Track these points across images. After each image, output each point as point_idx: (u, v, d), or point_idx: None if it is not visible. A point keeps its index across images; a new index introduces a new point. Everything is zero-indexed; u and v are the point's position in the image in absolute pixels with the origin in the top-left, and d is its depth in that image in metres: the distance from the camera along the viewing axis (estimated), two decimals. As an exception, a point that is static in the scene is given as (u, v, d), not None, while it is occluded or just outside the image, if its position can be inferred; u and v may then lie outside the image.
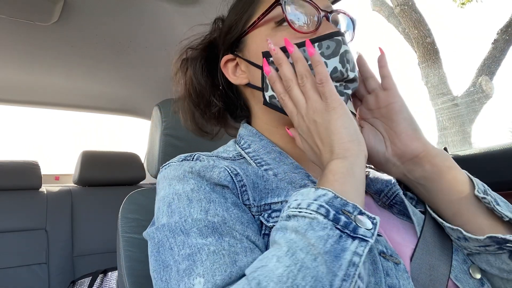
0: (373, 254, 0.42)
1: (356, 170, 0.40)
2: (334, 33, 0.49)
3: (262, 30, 0.54)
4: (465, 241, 0.46)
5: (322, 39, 0.49)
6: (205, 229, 0.40)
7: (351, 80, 0.50)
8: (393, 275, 0.41)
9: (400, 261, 0.43)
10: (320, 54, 0.48)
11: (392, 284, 0.40)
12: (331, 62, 0.48)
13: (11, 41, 1.20)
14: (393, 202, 0.52)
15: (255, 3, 0.56)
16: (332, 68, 0.48)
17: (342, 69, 0.48)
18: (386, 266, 0.42)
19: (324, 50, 0.49)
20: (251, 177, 0.48)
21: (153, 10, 1.10)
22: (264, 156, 0.54)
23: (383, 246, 0.44)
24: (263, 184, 0.48)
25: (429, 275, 0.43)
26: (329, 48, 0.49)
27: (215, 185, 0.46)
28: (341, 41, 0.49)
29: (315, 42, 0.49)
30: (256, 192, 0.47)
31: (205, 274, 0.36)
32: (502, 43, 2.67)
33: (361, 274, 0.33)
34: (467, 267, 0.47)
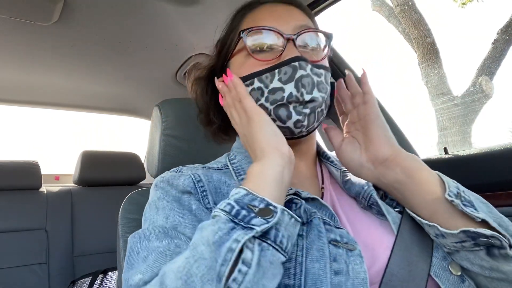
0: (321, 242, 0.47)
1: (269, 170, 0.46)
2: (291, 60, 0.54)
3: (238, 58, 0.60)
4: (442, 238, 0.49)
5: (280, 66, 0.54)
6: (160, 234, 0.48)
7: (309, 101, 0.54)
8: (342, 260, 0.46)
9: (356, 248, 0.47)
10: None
11: (339, 269, 0.45)
12: (287, 87, 0.54)
13: (11, 41, 1.20)
14: (370, 203, 0.55)
15: (233, 33, 0.63)
16: (288, 93, 0.54)
17: (297, 94, 0.53)
18: (335, 252, 0.46)
19: (282, 76, 0.54)
20: (213, 183, 0.56)
21: (153, 10, 1.10)
22: (245, 166, 0.61)
23: (337, 235, 0.48)
24: (226, 189, 0.55)
25: (409, 270, 0.47)
26: (286, 74, 0.54)
27: (181, 192, 0.54)
28: (297, 66, 0.54)
29: (275, 69, 0.55)
30: (219, 196, 0.54)
31: (144, 271, 0.44)
32: (502, 43, 2.67)
33: (245, 259, 0.38)
34: (446, 264, 0.50)
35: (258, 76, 0.56)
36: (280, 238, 0.41)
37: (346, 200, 0.59)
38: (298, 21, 0.59)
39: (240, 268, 0.37)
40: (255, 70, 0.56)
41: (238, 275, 0.37)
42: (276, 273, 0.40)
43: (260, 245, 0.39)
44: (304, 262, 0.45)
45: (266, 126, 0.51)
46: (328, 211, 0.53)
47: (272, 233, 0.41)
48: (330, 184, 0.62)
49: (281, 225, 0.41)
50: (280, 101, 0.54)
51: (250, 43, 0.57)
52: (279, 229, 0.41)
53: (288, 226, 0.42)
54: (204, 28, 1.20)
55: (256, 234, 0.39)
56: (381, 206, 0.54)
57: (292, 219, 0.43)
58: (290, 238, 0.42)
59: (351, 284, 0.44)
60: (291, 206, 0.51)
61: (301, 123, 0.55)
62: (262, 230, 0.39)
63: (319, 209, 0.53)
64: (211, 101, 0.70)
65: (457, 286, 0.49)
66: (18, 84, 1.55)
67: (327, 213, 0.53)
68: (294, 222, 0.43)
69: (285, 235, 0.42)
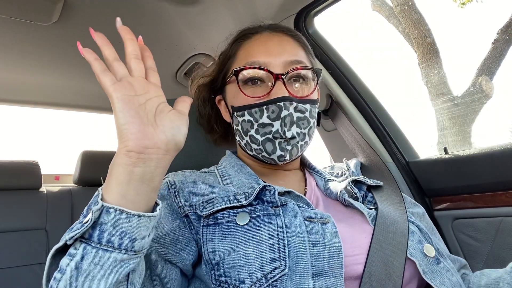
0: (298, 220, 0.53)
1: (113, 170, 0.43)
2: (278, 99, 0.60)
3: (232, 86, 0.67)
4: None
5: (268, 103, 0.61)
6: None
7: (291, 138, 0.61)
8: (318, 233, 0.52)
9: (330, 220, 0.54)
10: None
11: (316, 241, 0.51)
12: (275, 124, 0.61)
13: (11, 41, 1.20)
14: (347, 204, 0.64)
15: (231, 58, 0.69)
16: (275, 129, 0.61)
17: (280, 132, 0.60)
18: (311, 227, 0.53)
19: (270, 113, 0.61)
20: (187, 183, 0.61)
21: (153, 10, 1.10)
22: (229, 170, 0.68)
23: (312, 213, 0.55)
24: (199, 187, 0.61)
25: (385, 269, 0.52)
26: (274, 112, 0.60)
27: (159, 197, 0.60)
28: (282, 106, 0.60)
29: (263, 106, 0.61)
30: (193, 193, 0.60)
31: None
32: (502, 43, 2.67)
33: (61, 266, 0.40)
34: (421, 247, 0.58)
35: (248, 110, 0.62)
36: (107, 237, 0.40)
37: (330, 202, 0.67)
38: (290, 56, 0.64)
39: (55, 276, 0.40)
40: (246, 103, 0.63)
41: (53, 282, 0.40)
42: (106, 273, 0.40)
43: (85, 249, 0.40)
44: (286, 237, 0.51)
45: (119, 114, 0.43)
46: (303, 200, 0.60)
47: (96, 235, 0.40)
48: (315, 189, 0.69)
49: (107, 224, 0.41)
50: (268, 134, 0.61)
51: (241, 78, 0.63)
52: (103, 229, 0.41)
53: (119, 223, 0.41)
54: (204, 28, 1.20)
55: (68, 241, 0.41)
56: (355, 205, 0.62)
57: (123, 214, 0.41)
58: (127, 234, 0.41)
59: (327, 252, 0.50)
60: (266, 193, 0.57)
61: (283, 158, 0.62)
62: (72, 237, 0.40)
63: (295, 199, 0.59)
64: (213, 111, 0.76)
65: (431, 266, 0.56)
66: (18, 84, 1.55)
67: (302, 201, 0.60)
68: (127, 217, 0.41)
69: (115, 233, 0.41)
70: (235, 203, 0.56)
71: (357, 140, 0.92)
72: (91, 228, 0.41)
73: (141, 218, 0.42)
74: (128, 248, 0.41)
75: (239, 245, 0.51)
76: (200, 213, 0.56)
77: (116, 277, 0.41)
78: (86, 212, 0.43)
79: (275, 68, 0.62)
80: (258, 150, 0.64)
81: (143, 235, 0.43)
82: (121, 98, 0.43)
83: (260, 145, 0.63)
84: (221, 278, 0.51)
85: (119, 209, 0.41)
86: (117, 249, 0.41)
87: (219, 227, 0.54)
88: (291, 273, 0.48)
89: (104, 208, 0.41)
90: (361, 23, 4.43)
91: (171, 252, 0.54)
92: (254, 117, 0.62)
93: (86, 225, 0.40)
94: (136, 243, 0.42)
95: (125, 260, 0.42)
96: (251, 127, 0.63)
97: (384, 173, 0.76)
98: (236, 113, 0.65)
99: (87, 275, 0.39)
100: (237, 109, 0.64)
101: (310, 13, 1.09)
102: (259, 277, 0.48)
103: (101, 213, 0.41)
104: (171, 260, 0.54)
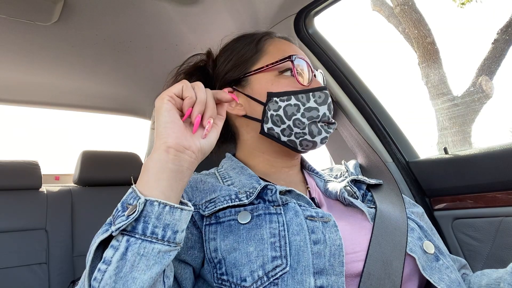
0: (299, 219, 0.54)
1: (151, 164, 0.47)
2: (323, 87, 0.67)
3: (267, 75, 0.68)
4: None
5: (316, 90, 0.66)
6: None
7: (333, 123, 0.68)
8: (319, 231, 0.53)
9: (330, 219, 0.55)
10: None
11: (317, 239, 0.52)
12: (321, 109, 0.65)
13: (11, 41, 1.20)
14: (347, 203, 0.64)
15: (259, 52, 0.71)
16: (322, 113, 0.65)
17: (329, 115, 0.66)
18: (312, 225, 0.53)
19: (317, 98, 0.66)
20: (189, 183, 0.62)
21: (153, 10, 1.10)
22: (230, 172, 0.68)
23: (313, 212, 0.56)
24: (202, 187, 0.62)
25: (384, 269, 0.52)
26: (321, 97, 0.66)
27: None
28: (328, 94, 0.67)
29: (310, 92, 0.66)
30: (196, 193, 0.60)
31: None
32: (502, 43, 2.67)
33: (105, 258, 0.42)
34: (421, 243, 0.59)
35: (295, 95, 0.65)
36: (151, 229, 0.43)
37: (330, 202, 0.67)
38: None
39: (99, 267, 0.42)
40: (290, 89, 0.66)
41: (98, 274, 0.41)
42: (151, 264, 0.42)
43: (128, 241, 0.42)
44: (287, 236, 0.52)
45: (164, 113, 0.49)
46: (304, 199, 0.61)
47: (140, 227, 0.43)
48: (315, 190, 0.70)
49: (150, 217, 0.43)
50: (315, 118, 0.65)
51: (296, 67, 0.67)
52: (148, 221, 0.43)
53: (162, 216, 0.44)
54: (204, 28, 1.20)
55: (114, 233, 0.43)
56: (355, 203, 0.63)
57: (166, 207, 0.44)
58: (170, 226, 0.44)
59: (328, 251, 0.51)
60: (267, 192, 0.58)
61: (326, 139, 0.67)
62: (118, 228, 0.42)
63: (296, 199, 0.60)
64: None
65: (430, 263, 0.57)
66: (18, 84, 1.55)
67: (303, 200, 0.60)
68: (170, 210, 0.44)
69: (159, 225, 0.43)
70: (236, 202, 0.56)
71: (357, 140, 0.92)
72: (134, 221, 0.43)
73: (183, 211, 0.46)
74: (171, 240, 0.44)
75: (241, 244, 0.52)
76: (202, 212, 0.57)
77: (160, 267, 0.43)
78: (121, 208, 0.45)
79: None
80: (300, 134, 0.66)
81: (183, 227, 0.46)
82: (169, 102, 0.49)
83: (305, 128, 0.65)
84: (223, 276, 0.51)
85: (162, 202, 0.44)
86: (161, 241, 0.43)
87: (221, 226, 0.55)
88: (293, 271, 0.49)
89: (148, 202, 0.44)
90: (361, 23, 4.43)
91: (183, 251, 0.55)
92: (302, 101, 0.65)
93: (133, 217, 0.42)
94: (178, 235, 0.45)
95: (167, 251, 0.44)
96: (297, 110, 0.65)
97: (383, 173, 0.76)
98: (276, 98, 0.66)
99: (132, 266, 0.41)
100: (281, 94, 0.66)
101: (310, 13, 1.09)
102: (260, 275, 0.49)
103: (144, 206, 0.43)
104: (184, 259, 0.55)
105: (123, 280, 0.40)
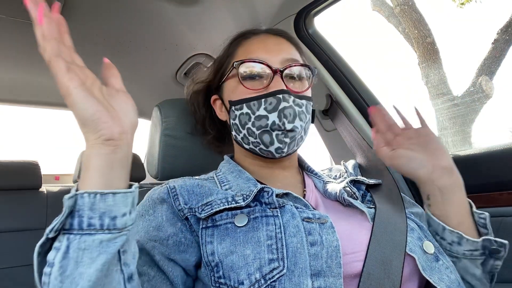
0: (296, 221, 0.53)
1: (90, 158, 0.43)
2: (276, 92, 0.62)
3: (231, 82, 0.68)
4: (458, 245, 0.61)
5: (266, 96, 0.63)
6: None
7: (290, 130, 0.63)
8: (316, 233, 0.52)
9: (327, 221, 0.54)
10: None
11: (314, 241, 0.52)
12: (271, 116, 0.62)
13: (11, 41, 1.20)
14: (347, 204, 0.63)
15: (230, 57, 0.71)
16: (271, 121, 0.62)
17: (279, 123, 0.62)
18: (309, 227, 0.53)
19: (267, 105, 0.62)
20: (186, 187, 0.61)
21: (153, 10, 1.10)
22: (228, 176, 0.68)
23: (310, 214, 0.56)
24: (198, 190, 0.61)
25: (383, 269, 0.52)
26: (271, 104, 0.62)
27: (159, 200, 0.60)
28: (281, 98, 0.62)
29: (262, 98, 0.63)
30: (192, 196, 0.60)
31: None
32: (502, 43, 2.67)
33: (49, 261, 0.41)
34: (421, 244, 0.58)
35: (246, 103, 0.64)
36: (87, 221, 0.41)
37: (329, 202, 0.67)
38: (286, 54, 0.67)
39: (45, 271, 0.41)
40: (244, 97, 0.64)
41: (45, 277, 0.41)
42: (94, 256, 0.41)
43: (68, 239, 0.41)
44: (284, 238, 0.51)
45: (81, 105, 0.42)
46: (301, 202, 0.60)
47: (75, 222, 0.41)
48: (314, 190, 0.69)
49: (84, 209, 0.41)
50: (264, 127, 0.63)
51: (241, 71, 0.65)
52: (82, 214, 0.41)
53: (95, 205, 0.41)
54: (204, 28, 1.20)
55: (49, 234, 0.41)
56: (355, 203, 0.62)
57: (97, 196, 0.41)
58: (106, 213, 0.42)
59: (325, 252, 0.50)
60: (264, 195, 0.57)
61: (281, 150, 0.64)
62: (52, 228, 0.41)
63: (293, 201, 0.59)
64: (207, 113, 0.78)
65: (430, 263, 0.56)
66: (18, 84, 1.55)
67: (300, 203, 0.60)
68: (102, 197, 0.41)
69: (94, 215, 0.41)
70: (233, 204, 0.56)
71: (357, 140, 0.92)
72: (70, 217, 0.41)
73: (116, 195, 0.43)
74: (111, 227, 0.42)
75: (238, 247, 0.52)
76: (199, 215, 0.57)
77: (105, 257, 0.41)
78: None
79: (273, 64, 0.65)
80: (255, 143, 0.65)
81: (123, 211, 0.43)
82: (80, 89, 0.42)
83: (257, 137, 0.64)
84: (221, 279, 0.51)
85: (92, 192, 0.41)
86: (100, 230, 0.41)
87: (218, 229, 0.55)
88: (290, 274, 0.49)
89: (78, 195, 0.41)
90: (361, 23, 4.42)
91: (174, 252, 0.55)
92: (252, 110, 0.63)
93: (63, 214, 0.41)
94: (118, 221, 0.42)
95: (111, 239, 0.42)
96: (249, 120, 0.64)
97: (383, 173, 0.76)
98: (233, 107, 0.66)
99: (76, 262, 0.40)
100: (235, 103, 0.66)
101: (310, 13, 1.09)
102: (257, 278, 0.49)
103: (75, 200, 0.41)
104: (174, 259, 0.55)
105: (70, 278, 0.40)
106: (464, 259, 0.61)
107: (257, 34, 0.72)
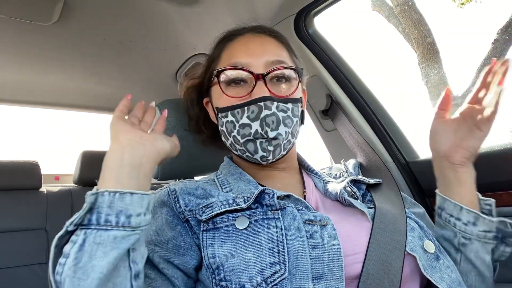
0: (297, 223, 0.53)
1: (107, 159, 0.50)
2: (258, 99, 0.61)
3: (217, 87, 0.66)
4: (473, 225, 0.62)
5: (249, 104, 0.62)
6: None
7: (273, 138, 0.62)
8: (317, 236, 0.52)
9: (329, 223, 0.54)
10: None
11: (315, 244, 0.51)
12: (254, 125, 0.61)
13: (11, 41, 1.20)
14: (347, 204, 0.63)
15: (216, 60, 0.70)
16: (254, 130, 0.61)
17: (261, 131, 0.61)
18: (310, 230, 0.53)
19: (250, 114, 0.61)
20: (187, 190, 0.62)
21: (153, 10, 1.10)
22: (229, 178, 0.68)
23: (311, 216, 0.55)
24: (199, 192, 0.61)
25: (383, 269, 0.52)
26: (253, 112, 0.61)
27: (159, 203, 0.61)
28: (262, 106, 0.60)
29: (245, 106, 0.62)
30: (192, 198, 0.60)
31: None
32: (502, 43, 2.67)
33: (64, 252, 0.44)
34: (421, 243, 0.59)
35: (231, 110, 0.63)
36: (105, 218, 0.45)
37: (329, 202, 0.66)
38: (271, 56, 0.64)
39: (60, 261, 0.44)
40: (229, 104, 0.64)
41: (59, 267, 0.44)
42: (108, 250, 0.44)
43: (85, 233, 0.45)
44: (285, 241, 0.51)
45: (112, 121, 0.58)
46: (302, 203, 0.60)
47: (94, 217, 0.45)
48: (314, 191, 0.69)
49: (103, 206, 0.46)
50: (248, 136, 0.62)
51: (222, 80, 0.64)
52: (100, 211, 0.45)
53: (114, 203, 0.46)
54: (204, 28, 1.20)
55: (69, 227, 0.45)
56: (355, 204, 0.62)
57: (116, 194, 0.46)
58: (123, 212, 0.46)
59: (327, 255, 0.50)
60: (265, 197, 0.57)
61: (266, 158, 0.63)
62: (72, 222, 0.45)
63: (294, 203, 0.59)
64: (201, 111, 0.77)
65: (431, 262, 0.56)
66: (18, 84, 1.55)
67: (301, 204, 0.59)
68: (120, 196, 0.46)
69: (112, 213, 0.45)
70: (234, 207, 0.56)
71: (357, 140, 0.92)
72: (89, 213, 0.45)
73: (133, 195, 0.47)
74: (126, 224, 0.46)
75: (239, 250, 0.51)
76: (199, 217, 0.57)
77: (117, 252, 0.44)
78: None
79: (256, 68, 0.63)
80: (241, 151, 0.65)
81: (138, 212, 0.47)
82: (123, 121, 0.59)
83: (242, 146, 0.64)
84: (222, 282, 0.51)
85: (112, 190, 0.46)
86: (115, 227, 0.45)
87: (219, 231, 0.55)
88: (291, 277, 0.49)
89: (99, 193, 0.46)
90: (361, 23, 4.42)
91: (173, 255, 0.56)
92: (236, 118, 0.63)
93: (84, 210, 0.45)
94: (132, 219, 0.46)
95: (125, 236, 0.45)
96: (234, 128, 0.64)
97: (383, 173, 0.76)
98: (220, 114, 0.66)
99: (90, 255, 0.43)
100: (221, 110, 0.65)
101: (310, 13, 1.09)
102: (259, 281, 0.49)
103: (96, 198, 0.46)
104: (173, 262, 0.56)
105: (83, 269, 0.42)
106: (477, 241, 0.61)
107: (242, 34, 0.69)
